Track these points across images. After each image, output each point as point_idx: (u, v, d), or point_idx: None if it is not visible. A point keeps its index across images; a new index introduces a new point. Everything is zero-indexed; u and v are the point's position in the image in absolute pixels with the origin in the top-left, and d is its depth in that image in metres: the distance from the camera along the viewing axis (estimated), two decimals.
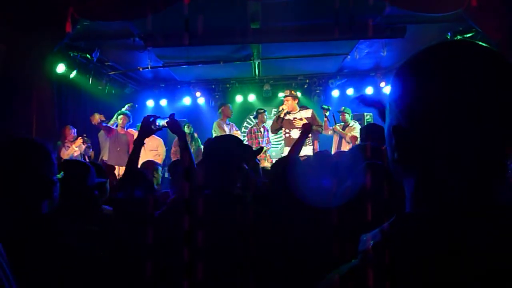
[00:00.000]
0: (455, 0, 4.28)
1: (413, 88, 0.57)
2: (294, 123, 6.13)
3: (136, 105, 7.25)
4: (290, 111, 6.20)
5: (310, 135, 7.18)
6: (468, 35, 5.72)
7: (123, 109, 6.74)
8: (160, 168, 4.30)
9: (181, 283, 1.33)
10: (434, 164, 0.56)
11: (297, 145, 2.95)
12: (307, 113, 6.20)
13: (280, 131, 6.37)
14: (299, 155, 5.38)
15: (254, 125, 7.41)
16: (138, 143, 2.22)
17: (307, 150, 5.84)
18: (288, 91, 6.46)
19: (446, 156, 0.54)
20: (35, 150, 1.22)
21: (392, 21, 5.69)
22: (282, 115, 6.15)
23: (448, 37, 6.03)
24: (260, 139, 6.97)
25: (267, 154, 6.88)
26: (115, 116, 6.68)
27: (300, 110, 6.27)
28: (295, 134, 5.91)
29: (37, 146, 1.24)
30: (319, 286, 0.61)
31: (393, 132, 0.60)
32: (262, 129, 7.08)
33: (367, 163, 1.58)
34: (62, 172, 1.69)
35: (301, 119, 6.07)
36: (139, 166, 2.63)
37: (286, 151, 5.74)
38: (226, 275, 1.51)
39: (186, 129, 7.35)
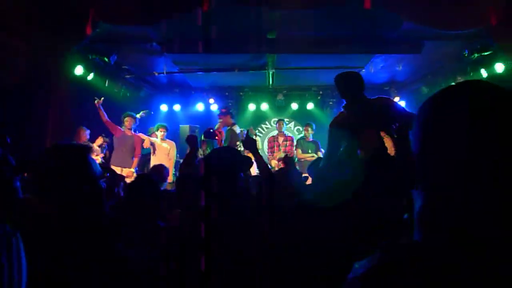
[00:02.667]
0: (474, 18, 4.26)
1: (422, 122, 0.62)
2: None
3: (152, 112, 7.29)
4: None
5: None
6: (486, 53, 5.68)
7: (138, 116, 6.72)
8: (168, 172, 4.32)
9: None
10: (436, 195, 0.58)
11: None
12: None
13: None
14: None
15: (273, 135, 7.73)
16: None
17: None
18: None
19: (441, 186, 0.57)
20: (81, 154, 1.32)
21: (409, 36, 5.67)
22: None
23: (465, 54, 5.98)
24: (275, 148, 7.09)
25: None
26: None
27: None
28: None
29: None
30: None
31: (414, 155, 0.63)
32: (279, 138, 7.17)
33: None
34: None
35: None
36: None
37: None
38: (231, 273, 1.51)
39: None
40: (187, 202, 2.48)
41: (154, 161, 6.33)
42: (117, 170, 6.00)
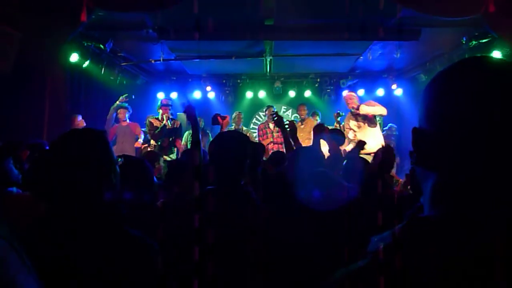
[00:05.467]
0: (472, 5, 4.22)
1: (438, 96, 0.61)
2: None
3: (133, 96, 7.17)
4: None
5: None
6: (484, 40, 5.65)
7: (117, 102, 6.72)
8: (162, 159, 4.28)
9: (190, 280, 1.34)
10: (448, 168, 0.57)
11: None
12: None
13: None
14: None
15: (263, 121, 7.49)
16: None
17: None
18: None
19: (460, 161, 0.56)
20: (95, 139, 1.25)
21: (407, 23, 5.63)
22: None
23: (463, 42, 5.95)
24: (268, 135, 7.04)
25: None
26: (111, 109, 6.72)
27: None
28: None
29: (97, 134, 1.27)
30: (326, 284, 0.61)
31: (413, 133, 0.62)
32: (271, 125, 7.12)
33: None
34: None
35: None
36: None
37: None
38: (235, 270, 1.52)
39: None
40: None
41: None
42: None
